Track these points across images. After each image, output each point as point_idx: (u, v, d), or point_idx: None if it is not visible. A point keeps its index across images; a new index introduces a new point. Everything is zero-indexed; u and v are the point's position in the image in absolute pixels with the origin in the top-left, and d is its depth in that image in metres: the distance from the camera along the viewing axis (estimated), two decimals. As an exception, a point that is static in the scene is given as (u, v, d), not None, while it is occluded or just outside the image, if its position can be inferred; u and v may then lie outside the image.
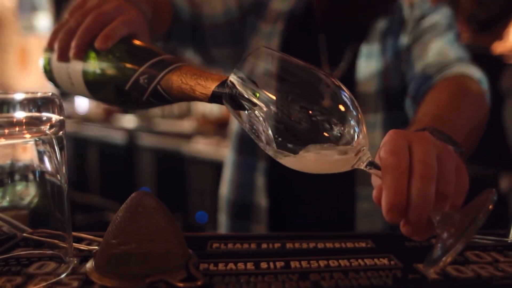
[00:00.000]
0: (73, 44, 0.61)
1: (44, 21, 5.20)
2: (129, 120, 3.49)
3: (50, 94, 0.41)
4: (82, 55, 0.61)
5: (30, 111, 0.41)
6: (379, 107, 0.93)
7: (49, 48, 0.65)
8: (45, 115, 0.43)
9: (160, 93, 0.55)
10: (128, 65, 0.57)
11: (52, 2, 4.91)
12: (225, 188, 1.08)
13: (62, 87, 0.67)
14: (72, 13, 0.65)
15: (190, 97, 0.53)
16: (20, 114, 0.41)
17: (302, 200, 1.01)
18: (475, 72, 0.82)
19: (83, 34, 0.60)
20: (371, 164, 0.47)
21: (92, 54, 0.60)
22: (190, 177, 2.82)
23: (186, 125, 3.11)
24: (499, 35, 1.91)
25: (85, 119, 3.90)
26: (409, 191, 0.43)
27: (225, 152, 1.13)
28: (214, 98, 0.50)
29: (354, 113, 0.45)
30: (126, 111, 3.75)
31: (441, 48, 0.89)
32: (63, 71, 0.63)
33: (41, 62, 0.67)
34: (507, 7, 1.90)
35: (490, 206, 0.42)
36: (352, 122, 0.45)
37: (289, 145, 0.44)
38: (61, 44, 0.62)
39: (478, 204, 0.45)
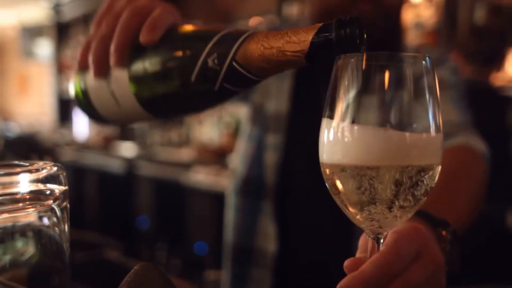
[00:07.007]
0: (112, 48, 0.49)
1: (45, 49, 5.25)
2: (128, 148, 3.49)
3: (55, 169, 0.41)
4: (125, 60, 0.49)
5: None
6: None
7: (80, 69, 0.53)
8: (49, 187, 0.42)
9: (238, 71, 0.44)
10: (188, 52, 0.46)
11: (54, 30, 4.96)
12: (228, 233, 1.05)
13: (104, 114, 0.54)
14: (100, 21, 0.53)
15: (279, 64, 0.43)
16: (23, 188, 0.41)
17: (309, 246, 0.98)
18: (479, 145, 0.80)
19: (123, 33, 0.49)
20: (377, 240, 0.44)
21: (137, 57, 0.49)
22: (190, 207, 2.80)
23: (185, 154, 3.10)
24: (498, 67, 1.93)
25: (84, 146, 3.90)
26: None
27: (225, 182, 1.11)
28: (314, 49, 0.41)
29: None
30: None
31: (444, 107, 0.88)
32: (104, 91, 0.51)
33: (71, 89, 0.55)
34: (504, 40, 1.93)
35: None
36: None
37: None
38: (97, 55, 0.50)
39: None
